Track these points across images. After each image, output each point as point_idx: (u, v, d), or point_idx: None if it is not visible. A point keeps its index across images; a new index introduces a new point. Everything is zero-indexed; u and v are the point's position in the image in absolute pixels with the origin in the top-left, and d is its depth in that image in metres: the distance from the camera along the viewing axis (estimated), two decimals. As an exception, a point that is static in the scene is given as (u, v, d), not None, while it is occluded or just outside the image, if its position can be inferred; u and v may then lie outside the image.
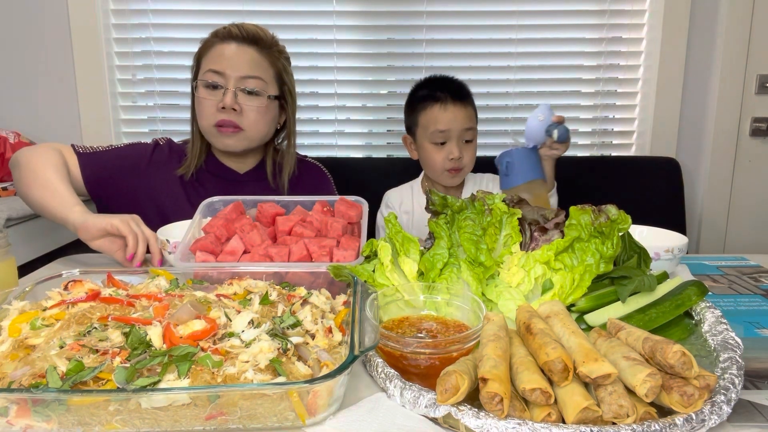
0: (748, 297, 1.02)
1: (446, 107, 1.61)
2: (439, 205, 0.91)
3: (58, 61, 2.14)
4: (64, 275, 0.84)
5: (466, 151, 1.63)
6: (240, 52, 1.35)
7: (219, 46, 1.36)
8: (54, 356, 0.61)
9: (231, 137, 1.37)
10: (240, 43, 1.36)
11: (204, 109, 1.36)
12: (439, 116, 1.61)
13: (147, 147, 1.46)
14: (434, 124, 1.61)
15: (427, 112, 1.63)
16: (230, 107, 1.33)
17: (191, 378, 0.59)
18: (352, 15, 2.17)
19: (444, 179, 1.67)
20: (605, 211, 0.85)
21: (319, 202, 1.11)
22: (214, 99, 1.34)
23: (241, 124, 1.36)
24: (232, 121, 1.34)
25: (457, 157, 1.60)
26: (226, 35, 1.36)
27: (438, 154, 1.62)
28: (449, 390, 0.58)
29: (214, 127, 1.36)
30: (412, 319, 0.79)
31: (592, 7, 2.17)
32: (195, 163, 1.43)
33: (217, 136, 1.37)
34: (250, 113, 1.36)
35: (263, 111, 1.38)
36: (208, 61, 1.36)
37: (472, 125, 1.65)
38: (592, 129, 2.27)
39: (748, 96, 2.15)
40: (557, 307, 0.75)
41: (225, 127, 1.35)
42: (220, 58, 1.35)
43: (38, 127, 2.16)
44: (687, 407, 0.57)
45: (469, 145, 1.65)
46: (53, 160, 1.27)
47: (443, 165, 1.62)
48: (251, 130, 1.38)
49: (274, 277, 0.88)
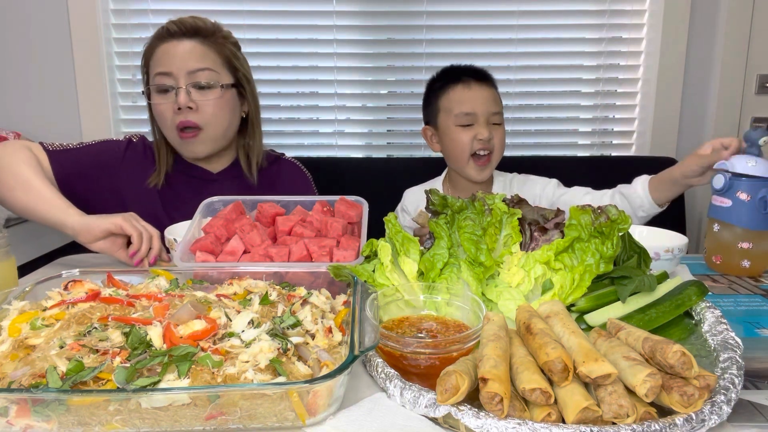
0: (748, 297, 1.02)
1: (470, 86, 1.51)
2: (439, 205, 0.91)
3: (58, 61, 2.14)
4: (64, 275, 0.84)
5: (495, 133, 1.50)
6: (182, 47, 1.31)
7: (161, 46, 1.32)
8: (54, 356, 0.61)
9: (194, 143, 1.33)
10: (180, 39, 1.32)
11: (161, 114, 1.32)
12: (463, 96, 1.50)
13: (120, 144, 1.43)
14: (459, 106, 1.50)
15: (450, 95, 1.53)
16: (186, 106, 1.29)
17: (191, 378, 0.59)
18: (352, 15, 2.17)
19: (471, 171, 1.52)
20: (605, 211, 0.85)
21: (319, 202, 1.11)
22: (169, 102, 1.30)
23: (201, 122, 1.31)
24: (191, 121, 1.30)
25: (487, 138, 1.47)
26: (165, 34, 1.33)
27: (465, 134, 1.49)
28: (449, 390, 0.58)
29: (177, 135, 1.32)
30: (412, 319, 0.79)
31: (592, 7, 2.17)
32: (164, 170, 1.39)
33: (182, 144, 1.34)
34: (207, 108, 1.31)
35: (221, 104, 1.33)
36: (154, 65, 1.32)
37: (499, 109, 1.53)
38: (592, 129, 2.27)
39: (748, 96, 2.15)
40: (557, 307, 0.75)
41: (186, 131, 1.31)
42: (164, 58, 1.31)
43: (38, 127, 2.16)
44: (687, 407, 0.57)
45: (497, 128, 1.51)
46: (27, 160, 1.23)
47: (471, 147, 1.49)
48: (212, 127, 1.33)
49: (274, 277, 0.88)
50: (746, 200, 1.09)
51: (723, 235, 1.14)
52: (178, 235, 1.11)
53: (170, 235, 1.12)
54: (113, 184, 1.36)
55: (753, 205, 1.09)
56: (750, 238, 1.10)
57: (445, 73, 1.59)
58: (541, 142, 2.29)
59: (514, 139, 2.27)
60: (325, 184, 1.65)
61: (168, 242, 1.11)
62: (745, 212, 1.10)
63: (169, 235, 1.12)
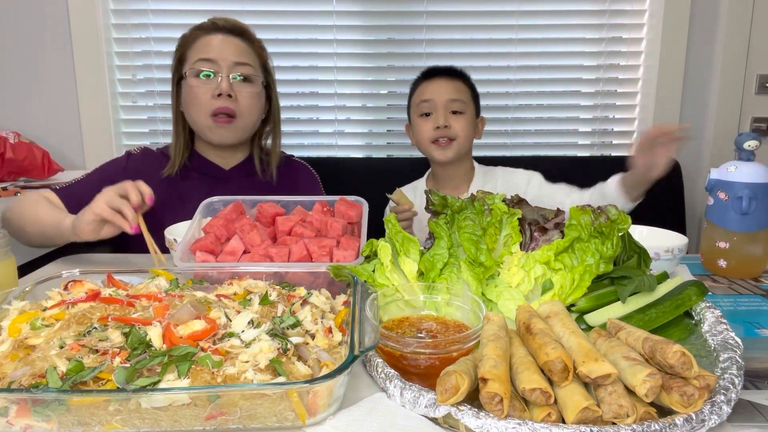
0: (748, 297, 1.02)
1: (432, 80, 1.62)
2: (439, 205, 0.91)
3: (58, 61, 2.14)
4: (64, 275, 0.84)
5: (454, 121, 1.57)
6: (228, 41, 1.38)
7: (205, 37, 1.38)
8: (54, 356, 0.61)
9: (226, 128, 1.37)
10: (227, 34, 1.39)
11: (197, 98, 1.35)
12: (425, 88, 1.61)
13: (120, 160, 1.47)
14: (420, 96, 1.61)
15: (417, 90, 1.65)
16: (226, 93, 1.34)
17: (191, 378, 0.59)
18: (352, 15, 2.17)
19: (433, 152, 1.61)
20: (605, 211, 0.85)
21: (319, 202, 1.11)
22: (208, 86, 1.34)
23: (237, 111, 1.36)
24: (229, 107, 1.35)
25: (443, 125, 1.56)
26: (211, 27, 1.39)
27: (425, 124, 1.59)
28: (449, 390, 0.58)
29: (210, 117, 1.35)
30: (412, 319, 0.79)
31: (592, 7, 2.17)
32: (179, 161, 1.43)
33: (213, 128, 1.37)
34: (245, 100, 1.37)
35: (256, 98, 1.40)
36: (197, 52, 1.37)
37: (460, 97, 1.60)
38: (592, 129, 2.27)
39: (748, 96, 2.15)
40: (557, 307, 0.75)
41: (221, 116, 1.35)
42: (209, 47, 1.36)
43: (38, 127, 2.16)
44: (687, 407, 0.57)
45: (458, 116, 1.59)
46: (37, 200, 1.29)
47: (429, 135, 1.58)
48: (245, 117, 1.39)
49: (274, 277, 0.88)
50: (724, 200, 1.12)
51: (706, 233, 1.17)
52: (178, 235, 1.11)
53: (170, 235, 1.12)
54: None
55: (730, 204, 1.11)
56: (727, 237, 1.12)
57: (422, 73, 1.69)
58: (541, 142, 2.29)
59: (514, 139, 2.27)
60: (325, 184, 1.66)
61: (168, 242, 1.11)
62: (723, 211, 1.13)
63: (169, 235, 1.12)
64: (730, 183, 1.12)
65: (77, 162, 2.21)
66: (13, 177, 1.89)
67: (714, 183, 1.15)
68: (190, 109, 1.38)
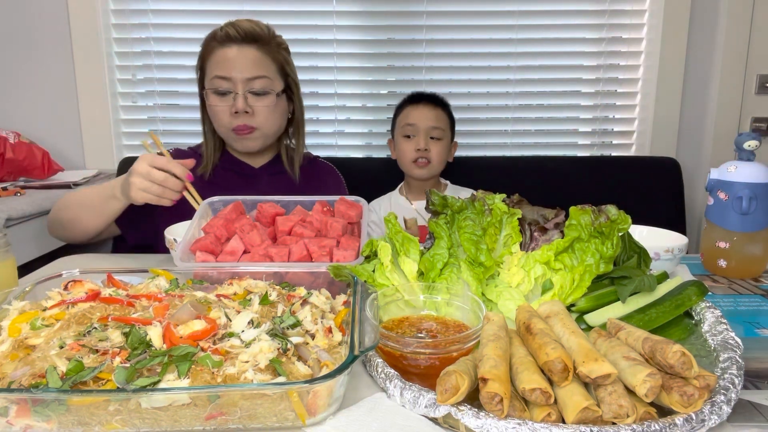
0: (748, 297, 1.02)
1: (417, 106, 1.82)
2: (439, 205, 0.91)
3: (58, 61, 2.14)
4: (64, 275, 0.84)
5: (433, 146, 1.78)
6: (242, 54, 1.37)
7: (220, 50, 1.38)
8: (54, 356, 0.61)
9: (248, 139, 1.42)
10: (240, 45, 1.38)
11: (217, 115, 1.40)
12: (410, 113, 1.81)
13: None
14: (405, 119, 1.82)
15: (402, 113, 1.84)
16: (242, 111, 1.37)
17: (191, 378, 0.59)
18: (352, 15, 2.17)
19: (412, 170, 1.81)
20: (605, 212, 0.85)
21: (319, 202, 1.11)
22: (226, 104, 1.38)
23: (255, 125, 1.40)
24: (246, 125, 1.39)
25: (423, 148, 1.76)
26: (225, 38, 1.38)
27: (407, 145, 1.80)
28: (449, 390, 0.58)
29: (231, 132, 1.41)
30: (412, 319, 0.79)
31: (592, 7, 2.17)
32: (211, 162, 1.48)
33: (236, 140, 1.43)
34: (261, 113, 1.40)
35: (273, 109, 1.42)
36: (213, 68, 1.39)
37: (441, 126, 1.79)
38: (592, 129, 2.27)
39: (748, 96, 2.15)
40: (557, 307, 0.75)
41: (241, 130, 1.40)
42: (224, 63, 1.37)
43: (38, 127, 2.16)
44: (687, 407, 0.57)
45: (437, 142, 1.79)
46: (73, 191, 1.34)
47: (411, 156, 1.79)
48: (264, 128, 1.42)
49: (274, 277, 0.88)
50: (725, 199, 1.12)
51: (706, 233, 1.17)
52: (178, 235, 1.11)
53: (170, 235, 1.12)
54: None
55: (730, 204, 1.11)
56: (727, 237, 1.12)
57: (408, 98, 1.87)
58: (541, 142, 2.29)
59: (514, 139, 2.27)
60: (325, 184, 1.66)
61: (168, 242, 1.11)
62: (723, 211, 1.13)
63: (169, 235, 1.12)
64: (730, 183, 1.12)
65: (77, 162, 2.21)
66: (13, 177, 1.89)
67: (714, 183, 1.15)
68: (213, 122, 1.44)
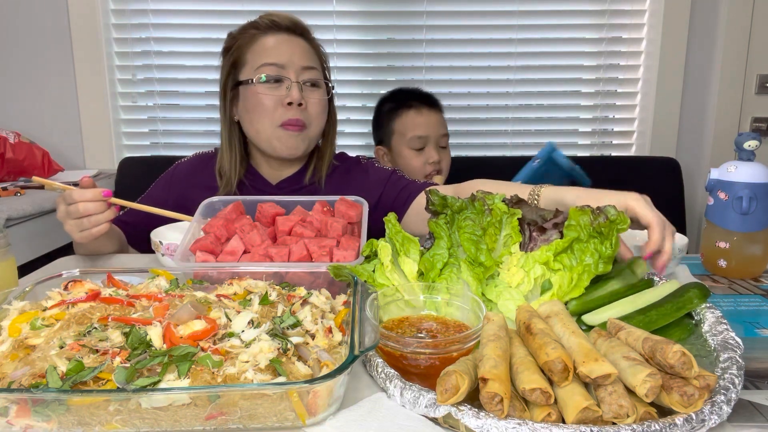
0: (748, 297, 1.02)
1: (421, 112, 1.63)
2: (439, 205, 0.91)
3: (58, 61, 2.14)
4: (64, 275, 0.84)
5: (443, 155, 1.66)
6: (293, 42, 1.26)
7: (265, 38, 1.25)
8: (54, 356, 0.61)
9: (296, 138, 1.25)
10: (290, 34, 1.26)
11: (264, 106, 1.23)
12: (416, 121, 1.62)
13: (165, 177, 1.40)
14: (412, 130, 1.62)
15: (403, 119, 1.64)
16: (297, 102, 1.22)
17: (191, 378, 0.59)
18: (352, 15, 2.17)
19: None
20: (604, 212, 0.85)
21: (319, 202, 1.11)
22: (276, 94, 1.23)
23: (307, 121, 1.26)
24: (299, 118, 1.24)
25: (437, 160, 1.62)
26: (271, 26, 1.26)
27: (417, 159, 1.63)
28: (449, 390, 0.58)
29: (278, 127, 1.24)
30: (412, 319, 0.79)
31: (592, 7, 2.17)
32: (237, 176, 1.31)
33: (282, 138, 1.25)
34: (314, 107, 1.26)
35: (324, 104, 1.29)
36: (259, 55, 1.24)
37: (446, 131, 1.68)
38: (592, 129, 2.27)
39: (748, 96, 2.15)
40: (557, 307, 0.75)
41: (291, 126, 1.24)
42: (274, 50, 1.23)
43: (38, 127, 2.16)
44: (687, 407, 0.57)
45: (444, 150, 1.67)
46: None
47: (423, 170, 1.63)
48: (314, 127, 1.28)
49: (274, 277, 0.88)
50: (725, 199, 1.12)
51: (706, 233, 1.17)
52: (163, 237, 1.11)
53: (156, 238, 1.11)
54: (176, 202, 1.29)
55: (730, 204, 1.11)
56: (727, 237, 1.12)
57: (395, 97, 1.70)
58: (541, 142, 2.29)
59: (514, 139, 2.28)
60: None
61: (153, 244, 1.11)
62: (723, 211, 1.12)
63: (154, 237, 1.12)
64: (730, 183, 1.12)
65: (77, 162, 2.22)
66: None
67: (714, 183, 1.15)
68: (255, 117, 1.25)
